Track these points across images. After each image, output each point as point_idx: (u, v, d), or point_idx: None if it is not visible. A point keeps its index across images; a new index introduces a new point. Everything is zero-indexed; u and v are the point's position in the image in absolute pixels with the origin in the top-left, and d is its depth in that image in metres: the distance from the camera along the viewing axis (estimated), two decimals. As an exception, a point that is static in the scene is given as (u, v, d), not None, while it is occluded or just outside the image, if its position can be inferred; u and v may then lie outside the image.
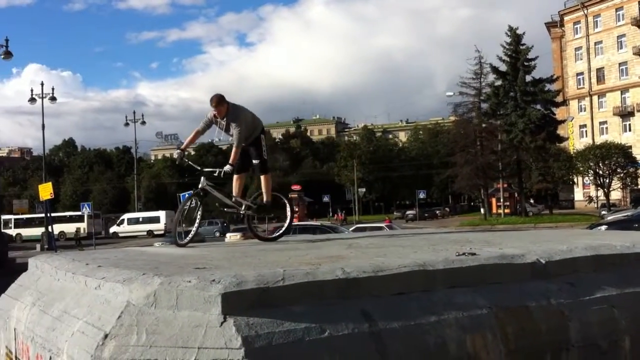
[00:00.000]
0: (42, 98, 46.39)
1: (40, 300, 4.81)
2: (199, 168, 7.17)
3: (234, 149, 7.09)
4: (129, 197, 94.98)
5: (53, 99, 47.36)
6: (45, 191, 35.39)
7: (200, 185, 7.12)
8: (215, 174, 7.01)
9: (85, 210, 49.69)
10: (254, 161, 7.44)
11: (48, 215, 42.38)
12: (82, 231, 56.15)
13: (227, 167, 7.01)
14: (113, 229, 68.29)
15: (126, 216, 71.21)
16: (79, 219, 60.56)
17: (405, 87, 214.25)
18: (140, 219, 69.20)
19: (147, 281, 3.81)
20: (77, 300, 4.29)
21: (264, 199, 7.60)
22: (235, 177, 7.44)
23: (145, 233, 64.68)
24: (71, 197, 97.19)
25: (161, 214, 69.61)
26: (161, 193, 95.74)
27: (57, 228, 54.30)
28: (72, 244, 50.32)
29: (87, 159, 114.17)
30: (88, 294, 4.25)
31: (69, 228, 61.60)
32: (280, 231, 7.73)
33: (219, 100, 7.10)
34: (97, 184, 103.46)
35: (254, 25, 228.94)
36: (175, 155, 7.21)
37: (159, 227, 66.40)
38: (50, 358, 4.10)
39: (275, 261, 4.56)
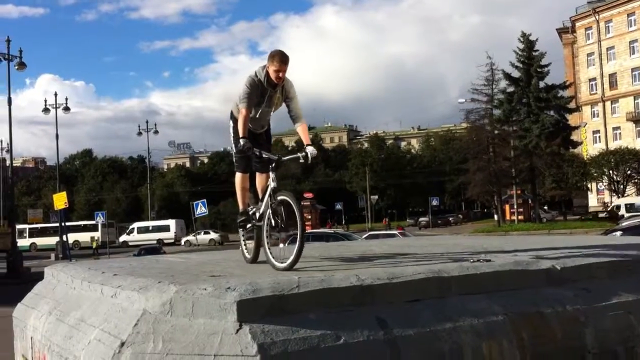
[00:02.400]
0: (56, 108, 46.70)
1: (56, 309, 4.85)
2: (276, 157, 5.23)
3: (304, 126, 5.38)
4: (142, 206, 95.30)
5: (67, 109, 47.68)
6: (60, 200, 35.66)
7: (271, 185, 5.13)
8: (302, 161, 5.26)
9: (99, 219, 49.92)
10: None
11: (62, 224, 42.65)
12: (97, 240, 56.42)
13: (313, 150, 5.21)
14: (123, 237, 68.29)
15: (136, 225, 71.29)
16: (93, 228, 60.78)
17: (417, 94, 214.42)
18: (150, 228, 69.27)
19: (163, 289, 3.84)
20: (93, 308, 4.32)
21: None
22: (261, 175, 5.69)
23: (155, 242, 64.92)
24: (85, 207, 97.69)
25: (171, 222, 69.72)
26: (174, 202, 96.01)
27: (72, 237, 54.58)
28: (86, 252, 50.59)
29: (101, 169, 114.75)
30: (104, 302, 4.28)
31: (83, 237, 61.95)
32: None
33: (288, 58, 5.20)
34: (111, 193, 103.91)
35: (266, 33, 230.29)
36: (242, 143, 5.08)
37: (169, 235, 66.53)
38: (67, 366, 4.13)
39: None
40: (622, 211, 49.74)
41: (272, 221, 4.98)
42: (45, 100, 47.19)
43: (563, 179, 58.16)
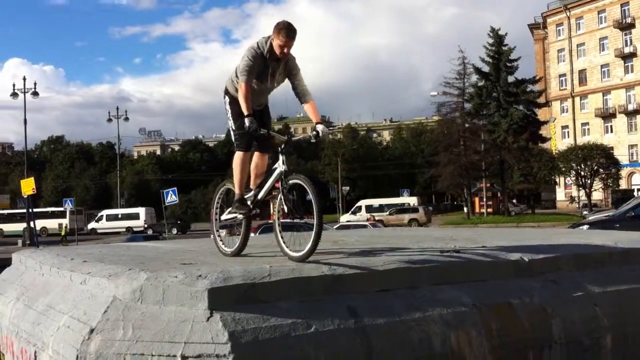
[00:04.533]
0: (25, 93, 45.96)
1: (24, 295, 4.79)
2: (286, 137, 4.81)
3: (312, 103, 4.97)
4: (111, 193, 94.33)
5: (35, 93, 46.93)
6: (28, 186, 35.10)
7: (280, 169, 4.70)
8: (313, 140, 4.85)
9: (68, 206, 49.29)
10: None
11: (30, 210, 42.05)
12: (65, 227, 55.79)
13: (324, 128, 4.82)
14: (91, 225, 67.22)
15: (105, 212, 70.32)
16: (62, 215, 59.99)
17: (391, 86, 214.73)
18: (120, 216, 68.47)
19: (133, 276, 3.82)
20: (62, 295, 4.28)
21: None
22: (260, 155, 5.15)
23: (124, 230, 64.24)
24: (53, 193, 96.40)
25: (141, 210, 68.98)
26: (144, 190, 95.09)
27: (39, 224, 53.80)
28: (54, 240, 49.96)
29: (69, 155, 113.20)
30: (73, 289, 4.24)
31: (51, 224, 61.07)
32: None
33: (296, 33, 4.79)
34: (80, 180, 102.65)
35: (240, 21, 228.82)
36: (248, 124, 4.60)
37: (138, 223, 65.88)
38: (35, 352, 4.09)
39: (261, 257, 4.58)
40: None
41: (285, 208, 4.53)
42: (14, 85, 46.43)
43: (531, 173, 58.79)
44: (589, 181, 55.28)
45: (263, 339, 3.34)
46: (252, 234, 5.11)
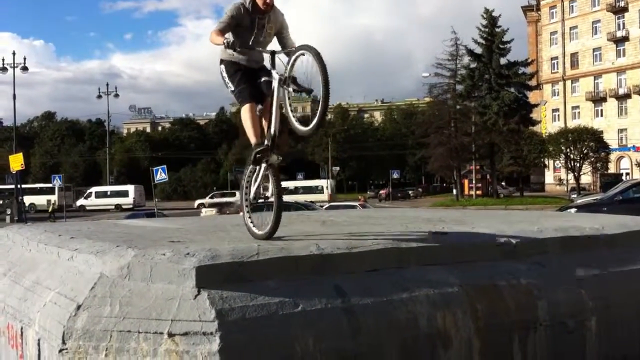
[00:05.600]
0: (14, 67, 45.54)
1: (11, 270, 4.78)
2: (269, 50, 4.67)
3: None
4: (100, 171, 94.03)
5: (25, 68, 46.51)
6: (16, 162, 34.88)
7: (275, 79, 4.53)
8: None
9: (56, 183, 49.05)
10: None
11: (18, 186, 41.86)
12: (54, 203, 55.58)
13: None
14: (80, 202, 66.86)
15: (94, 189, 70.07)
16: (50, 191, 59.74)
17: (383, 67, 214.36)
18: (109, 193, 68.31)
19: (120, 253, 3.82)
20: (49, 271, 4.27)
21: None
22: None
23: (113, 207, 64.10)
24: (41, 169, 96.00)
25: (130, 188, 68.86)
26: (133, 167, 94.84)
27: (28, 200, 53.59)
28: (42, 216, 49.80)
29: (59, 131, 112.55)
30: (61, 265, 4.24)
31: (40, 200, 60.80)
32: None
33: None
34: (69, 156, 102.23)
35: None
36: (224, 42, 4.50)
37: (128, 201, 65.70)
38: (22, 328, 4.09)
39: (250, 236, 4.58)
40: None
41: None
42: (3, 59, 45.96)
43: (521, 156, 59.03)
44: (578, 164, 55.55)
45: (250, 317, 3.35)
46: (241, 213, 5.04)
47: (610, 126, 76.16)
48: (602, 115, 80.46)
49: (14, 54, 46.17)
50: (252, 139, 4.67)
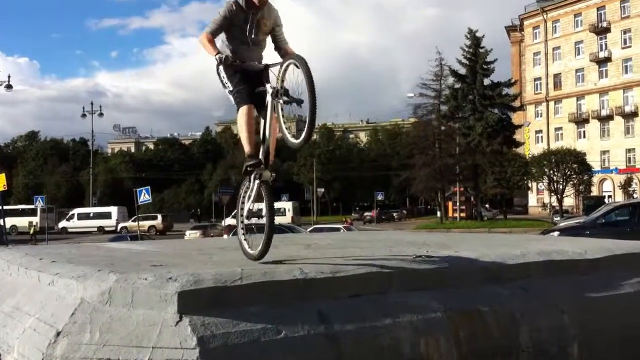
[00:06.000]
0: (-3, 85, 45.34)
1: (-10, 295, 4.72)
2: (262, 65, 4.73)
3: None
4: (83, 191, 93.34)
5: (9, 86, 46.27)
6: (-2, 182, 34.53)
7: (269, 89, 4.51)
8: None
9: (39, 204, 48.56)
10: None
11: (0, 208, 41.42)
12: (36, 225, 54.99)
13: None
14: (62, 224, 66.14)
15: (76, 211, 69.38)
16: (32, 212, 59.14)
17: (368, 86, 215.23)
18: (91, 214, 67.78)
19: (102, 278, 3.78)
20: (29, 296, 4.22)
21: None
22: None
23: (95, 229, 63.58)
24: (24, 190, 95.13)
25: (113, 209, 68.36)
26: (117, 188, 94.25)
27: (9, 221, 53.02)
28: (24, 238, 49.28)
29: (42, 151, 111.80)
30: (41, 290, 4.18)
31: (21, 222, 60.16)
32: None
33: None
34: (52, 176, 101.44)
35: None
36: (216, 58, 4.50)
37: (110, 223, 65.23)
38: (0, 355, 4.03)
39: (233, 260, 4.55)
40: None
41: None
42: (-14, 78, 45.72)
43: (504, 178, 59.30)
44: (561, 187, 55.84)
45: (232, 344, 3.32)
46: (225, 236, 5.03)
47: (593, 148, 76.70)
48: (584, 137, 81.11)
49: (-2, 71, 45.97)
50: (246, 148, 4.56)
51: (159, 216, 65.21)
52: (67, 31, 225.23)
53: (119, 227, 61.51)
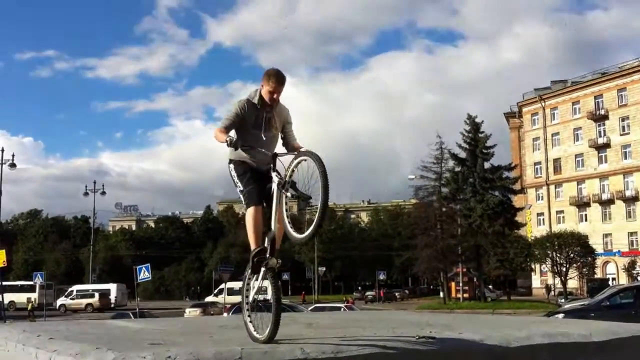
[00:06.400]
0: (1, 164, 45.76)
1: (-14, 372, 4.64)
2: (270, 153, 4.72)
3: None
4: (83, 268, 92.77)
5: (13, 165, 46.74)
6: (-2, 259, 34.38)
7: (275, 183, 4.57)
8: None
9: (38, 280, 48.17)
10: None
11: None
12: (34, 302, 54.38)
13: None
14: (61, 300, 65.36)
15: (75, 287, 68.66)
16: (31, 289, 58.60)
17: (370, 168, 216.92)
18: (90, 291, 67.16)
19: (100, 356, 3.72)
20: (25, 373, 4.15)
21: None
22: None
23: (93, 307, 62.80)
24: (23, 266, 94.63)
25: (112, 286, 67.75)
26: (117, 265, 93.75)
27: (7, 297, 52.50)
28: (21, 314, 48.68)
29: (43, 228, 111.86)
30: (38, 368, 4.11)
31: (20, 298, 59.53)
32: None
33: (285, 79, 4.82)
34: (52, 253, 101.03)
35: (223, 100, 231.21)
36: (227, 141, 4.57)
37: (110, 300, 64.54)
38: None
39: (233, 338, 4.48)
40: None
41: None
42: (-9, 156, 46.20)
43: (507, 259, 58.97)
44: (564, 269, 55.47)
45: None
46: (225, 314, 4.99)
47: (595, 231, 76.43)
48: (586, 220, 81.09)
49: (2, 150, 46.45)
50: (252, 245, 4.64)
51: (96, 294, 64.52)
52: (72, 112, 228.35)
53: (57, 304, 62.24)
